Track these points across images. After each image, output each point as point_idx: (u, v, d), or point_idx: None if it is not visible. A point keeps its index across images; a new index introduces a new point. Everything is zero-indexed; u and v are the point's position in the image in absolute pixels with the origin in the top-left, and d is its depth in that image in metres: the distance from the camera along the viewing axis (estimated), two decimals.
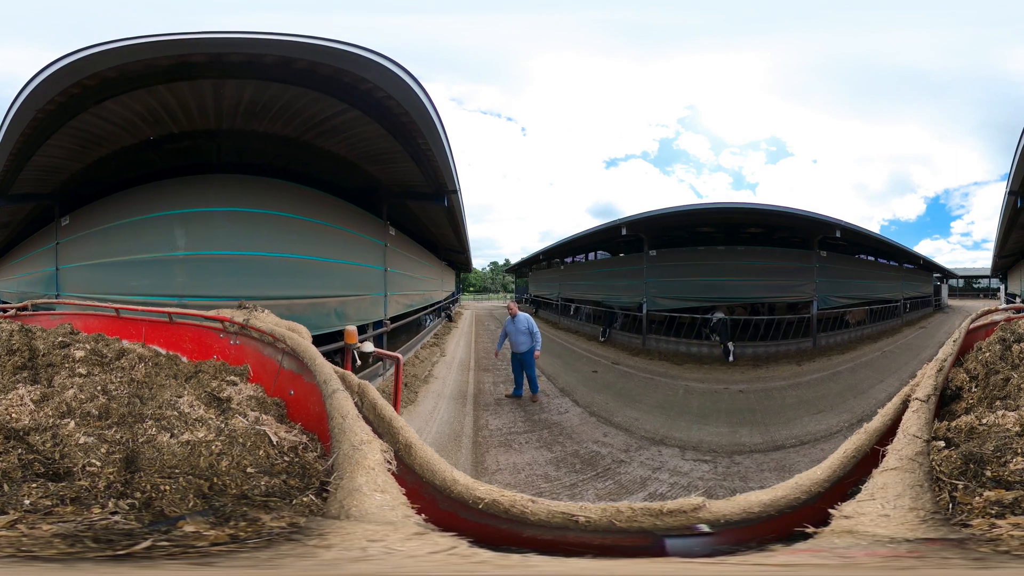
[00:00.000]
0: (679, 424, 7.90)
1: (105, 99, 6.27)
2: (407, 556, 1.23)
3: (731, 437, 7.36)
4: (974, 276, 35.95)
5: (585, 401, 9.16)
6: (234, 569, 1.20)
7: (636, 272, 14.57)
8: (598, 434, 7.54)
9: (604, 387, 10.31)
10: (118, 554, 1.21)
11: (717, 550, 1.42)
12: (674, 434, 7.50)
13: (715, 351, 12.14)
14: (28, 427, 1.81)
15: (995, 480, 1.45)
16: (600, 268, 18.86)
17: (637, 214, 13.35)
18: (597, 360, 12.93)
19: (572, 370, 11.92)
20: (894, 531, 1.31)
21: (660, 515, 1.49)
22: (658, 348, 13.17)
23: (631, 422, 8.03)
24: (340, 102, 7.04)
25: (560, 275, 22.19)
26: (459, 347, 15.83)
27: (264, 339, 2.88)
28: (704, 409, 8.68)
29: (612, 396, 9.55)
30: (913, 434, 1.67)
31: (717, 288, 12.94)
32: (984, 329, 2.71)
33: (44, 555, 1.19)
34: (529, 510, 1.52)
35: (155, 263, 6.66)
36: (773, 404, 8.90)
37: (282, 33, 5.86)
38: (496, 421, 8.07)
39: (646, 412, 8.53)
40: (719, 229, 13.46)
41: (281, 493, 1.66)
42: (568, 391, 9.88)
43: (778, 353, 12.25)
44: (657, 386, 10.37)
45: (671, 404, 9.08)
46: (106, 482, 1.58)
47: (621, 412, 8.52)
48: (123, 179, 7.21)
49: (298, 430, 2.18)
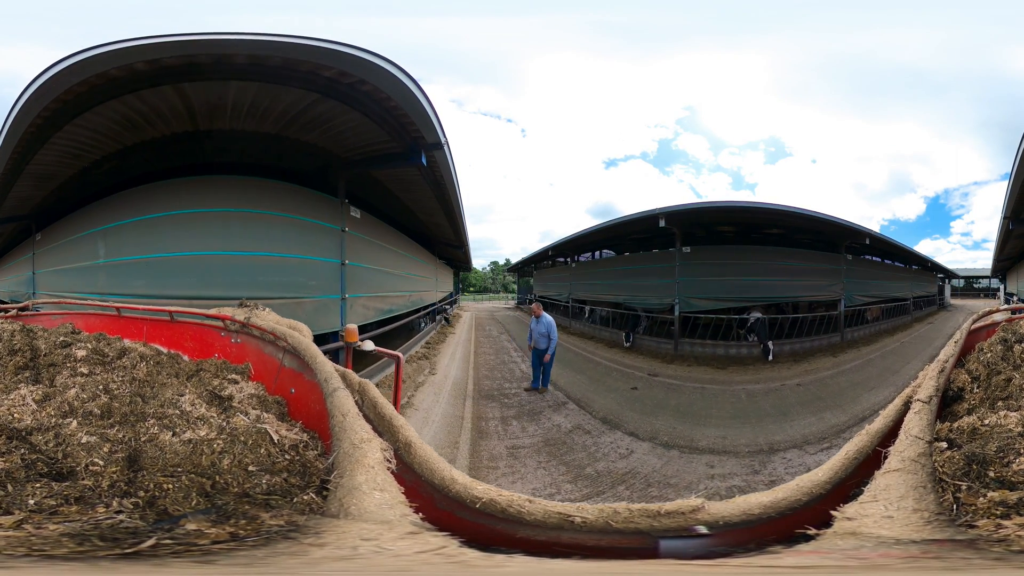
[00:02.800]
0: (769, 427, 7.64)
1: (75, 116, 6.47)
2: (393, 555, 1.23)
3: (823, 423, 7.73)
4: (975, 276, 36.40)
5: (647, 431, 7.32)
6: (229, 567, 1.20)
7: (667, 270, 13.43)
8: (702, 469, 6.06)
9: (657, 407, 8.58)
10: (125, 552, 1.21)
11: (715, 552, 1.42)
12: (776, 438, 7.16)
13: (753, 351, 12.20)
14: (31, 427, 1.81)
15: (998, 481, 1.45)
16: (621, 266, 16.99)
17: (675, 206, 12.31)
18: (629, 372, 11.28)
19: (605, 389, 9.90)
20: (899, 532, 1.31)
21: (658, 516, 1.48)
22: (693, 353, 12.42)
23: (722, 442, 6.97)
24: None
25: (572, 274, 20.34)
26: (454, 361, 12.76)
27: (265, 337, 2.88)
28: (778, 408, 8.65)
29: (674, 417, 8.06)
30: (915, 435, 1.67)
31: (755, 288, 13.02)
32: (985, 330, 2.70)
33: (57, 554, 1.19)
34: (525, 510, 1.52)
35: (86, 269, 8.22)
36: (831, 390, 9.64)
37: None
38: (530, 483, 5.55)
39: (726, 426, 7.66)
40: (741, 228, 13.38)
41: (282, 491, 1.67)
42: (614, 421, 7.78)
43: (812, 348, 13.00)
44: (715, 395, 9.46)
45: (744, 411, 8.52)
46: (109, 481, 1.58)
47: (700, 434, 7.23)
48: (78, 200, 8.55)
49: (299, 428, 2.18)
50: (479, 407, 8.46)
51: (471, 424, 7.54)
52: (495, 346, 15.54)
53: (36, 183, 8.28)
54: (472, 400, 8.91)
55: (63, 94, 6.05)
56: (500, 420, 7.83)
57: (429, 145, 7.86)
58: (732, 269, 12.99)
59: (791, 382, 10.36)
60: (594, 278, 18.35)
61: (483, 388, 9.81)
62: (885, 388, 9.45)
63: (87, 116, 6.64)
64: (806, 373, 11.08)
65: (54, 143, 7.12)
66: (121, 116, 6.84)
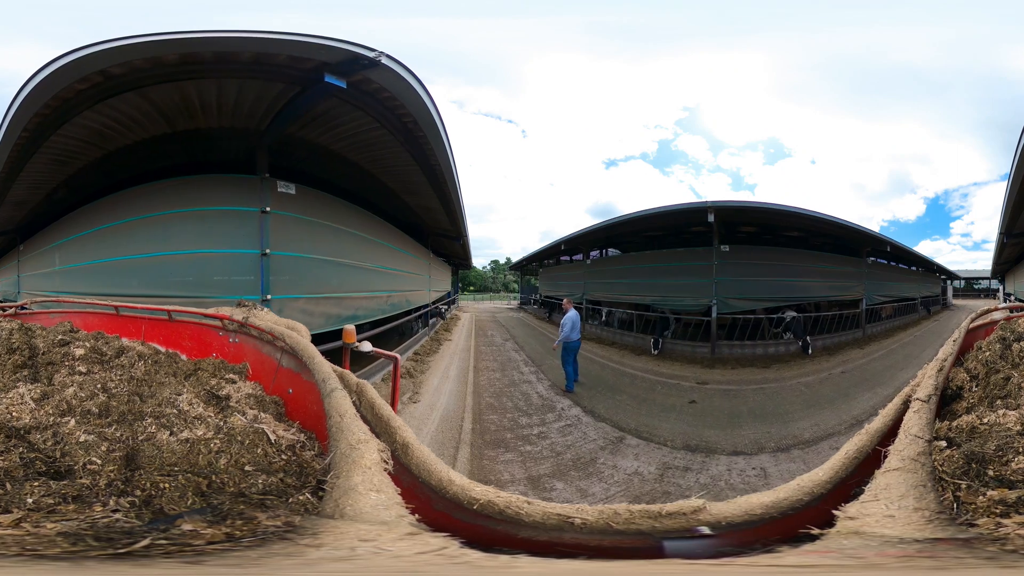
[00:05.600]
0: (843, 407, 8.27)
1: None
2: (393, 556, 1.22)
3: (878, 396, 8.59)
4: (975, 277, 37.02)
5: (748, 444, 6.58)
6: (223, 568, 1.20)
7: (702, 269, 12.63)
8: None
9: (733, 417, 7.77)
10: (119, 552, 1.20)
11: (720, 552, 1.41)
12: (855, 412, 7.70)
13: (790, 348, 12.72)
14: (29, 425, 1.80)
15: (998, 479, 1.45)
16: (647, 264, 15.26)
17: (723, 201, 11.77)
18: (673, 383, 10.06)
19: (659, 408, 8.34)
20: (901, 531, 1.31)
21: (659, 517, 1.48)
22: (732, 355, 12.08)
23: (822, 428, 6.98)
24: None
25: (586, 272, 18.46)
26: (447, 381, 9.76)
27: (263, 337, 2.88)
28: (838, 392, 9.45)
29: (758, 422, 7.55)
30: (915, 434, 1.67)
31: (789, 288, 13.42)
32: (984, 328, 2.70)
33: (49, 554, 1.18)
34: (524, 511, 1.51)
35: (48, 274, 9.61)
36: (871, 373, 10.94)
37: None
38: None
39: (810, 416, 7.77)
40: (762, 229, 13.52)
41: (278, 492, 1.66)
42: (702, 446, 6.65)
43: (840, 343, 14.06)
44: (777, 393, 9.32)
45: (815, 400, 8.88)
46: (107, 480, 1.57)
47: (797, 428, 6.88)
48: (46, 218, 9.90)
49: (296, 428, 2.18)
50: (484, 464, 5.52)
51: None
52: (500, 358, 12.70)
53: (29, 190, 8.96)
54: (471, 450, 5.92)
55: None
56: (529, 483, 5.09)
57: (344, 64, 5.94)
58: (767, 270, 13.17)
59: (836, 371, 11.15)
60: (614, 276, 16.70)
61: (488, 427, 6.75)
62: (911, 368, 10.49)
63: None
64: (844, 363, 11.99)
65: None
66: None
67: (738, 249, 12.82)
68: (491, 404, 8.23)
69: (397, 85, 6.70)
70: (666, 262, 14.30)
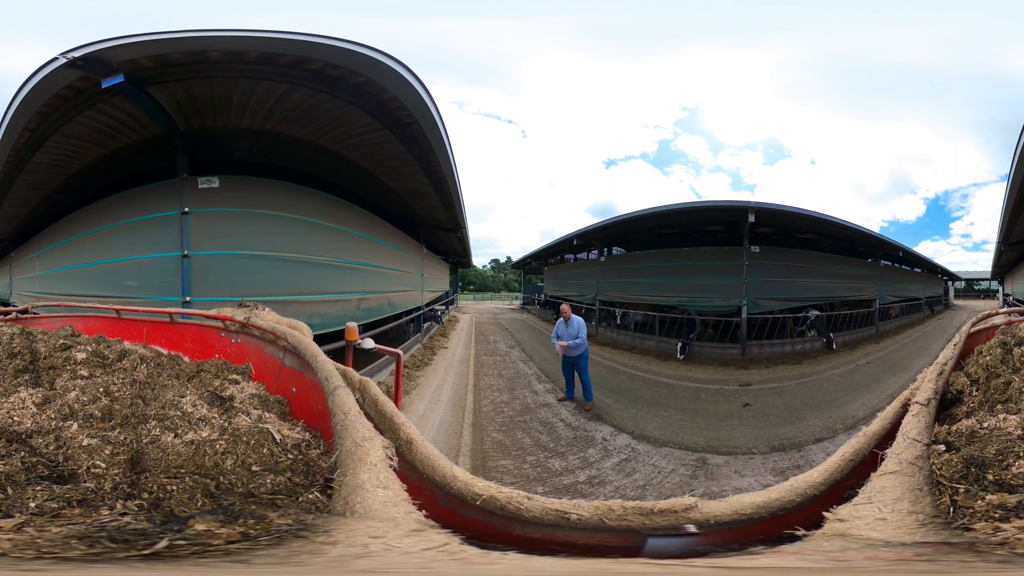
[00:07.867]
0: (878, 390, 9.32)
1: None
2: (403, 553, 1.24)
3: (902, 379, 9.36)
4: (975, 279, 37.59)
5: (822, 430, 6.99)
6: (263, 566, 1.21)
7: (731, 270, 12.29)
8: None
9: (792, 412, 7.80)
10: (144, 553, 1.21)
11: (697, 551, 1.42)
12: (890, 392, 8.48)
13: (815, 345, 13.38)
14: (31, 430, 1.80)
15: (997, 484, 1.45)
16: (669, 262, 14.18)
17: (763, 202, 11.44)
18: (715, 388, 9.51)
19: (718, 418, 7.67)
20: (890, 535, 1.30)
21: (651, 514, 1.50)
22: (761, 355, 12.04)
23: (871, 407, 7.61)
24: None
25: (600, 271, 17.04)
26: (438, 406, 8.01)
27: (265, 337, 2.88)
28: (871, 377, 10.71)
29: (816, 412, 7.81)
30: (913, 438, 1.67)
31: (811, 288, 14.06)
32: (985, 333, 2.71)
33: (69, 556, 1.19)
34: (524, 507, 1.53)
35: (31, 279, 10.91)
36: (893, 362, 12.37)
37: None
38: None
39: (857, 399, 8.72)
40: (778, 231, 13.65)
41: (287, 491, 1.67)
42: (794, 442, 6.54)
43: (858, 339, 14.97)
44: (818, 384, 9.99)
45: (854, 386, 9.90)
46: (112, 483, 1.58)
47: (852, 411, 7.74)
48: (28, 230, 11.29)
49: (301, 427, 2.19)
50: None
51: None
52: (506, 372, 10.61)
53: (27, 191, 9.82)
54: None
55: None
56: None
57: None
58: (793, 271, 13.65)
59: (861, 363, 12.29)
60: (632, 276, 15.46)
61: (501, 477, 5.26)
62: (924, 357, 11.33)
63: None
64: (865, 356, 13.08)
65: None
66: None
67: (766, 250, 12.67)
68: (500, 443, 6.22)
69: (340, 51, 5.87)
70: (690, 261, 13.39)
